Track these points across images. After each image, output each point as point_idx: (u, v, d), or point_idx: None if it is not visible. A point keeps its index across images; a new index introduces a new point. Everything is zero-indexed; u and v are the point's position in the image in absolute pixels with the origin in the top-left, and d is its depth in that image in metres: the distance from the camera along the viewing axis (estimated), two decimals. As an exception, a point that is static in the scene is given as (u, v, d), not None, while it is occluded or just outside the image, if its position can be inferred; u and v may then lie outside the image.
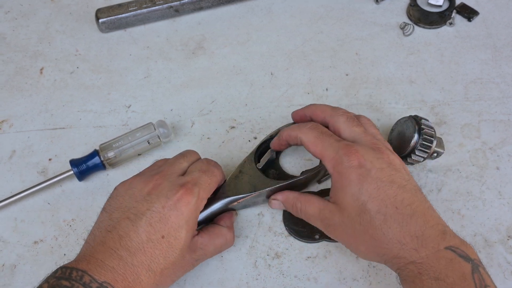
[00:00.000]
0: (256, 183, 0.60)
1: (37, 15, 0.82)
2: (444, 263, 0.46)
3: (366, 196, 0.50)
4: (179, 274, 0.52)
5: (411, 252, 0.48)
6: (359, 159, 0.51)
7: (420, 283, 0.46)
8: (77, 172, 0.63)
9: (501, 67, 0.74)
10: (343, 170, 0.51)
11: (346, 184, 0.51)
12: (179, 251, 0.50)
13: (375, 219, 0.49)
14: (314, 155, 0.54)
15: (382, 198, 0.49)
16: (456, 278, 0.45)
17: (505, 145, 0.66)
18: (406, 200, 0.49)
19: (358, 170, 0.50)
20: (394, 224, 0.48)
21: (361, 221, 0.50)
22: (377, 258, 0.51)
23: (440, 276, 0.45)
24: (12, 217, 0.63)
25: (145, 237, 0.48)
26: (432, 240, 0.47)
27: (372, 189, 0.50)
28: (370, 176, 0.50)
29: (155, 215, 0.49)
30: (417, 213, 0.49)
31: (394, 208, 0.49)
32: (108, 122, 0.70)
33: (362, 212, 0.50)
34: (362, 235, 0.50)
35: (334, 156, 0.52)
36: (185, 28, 0.80)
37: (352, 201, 0.50)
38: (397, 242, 0.48)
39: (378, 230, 0.49)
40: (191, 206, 0.51)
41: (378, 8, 0.81)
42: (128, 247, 0.47)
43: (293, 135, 0.57)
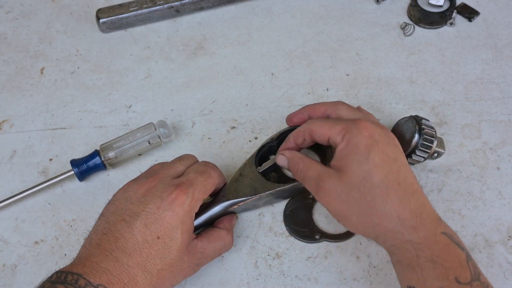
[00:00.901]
0: (256, 186, 0.60)
1: (37, 15, 0.82)
2: (441, 246, 0.46)
3: (372, 164, 0.49)
4: (178, 278, 0.52)
5: (409, 230, 0.47)
6: (368, 130, 0.51)
7: (418, 266, 0.46)
8: (77, 172, 0.63)
9: (501, 67, 0.74)
10: (352, 137, 0.51)
11: (353, 151, 0.50)
12: (175, 252, 0.50)
13: (376, 188, 0.49)
14: (322, 137, 0.54)
15: (387, 171, 0.49)
16: (453, 263, 0.46)
17: (505, 145, 0.66)
18: (408, 179, 0.50)
19: (367, 139, 0.50)
20: (394, 197, 0.48)
21: (361, 187, 0.49)
22: (367, 230, 0.51)
23: (437, 260, 0.45)
24: (13, 217, 0.63)
25: (141, 238, 0.48)
26: (430, 222, 0.48)
27: (378, 159, 0.50)
28: (378, 147, 0.50)
29: (150, 216, 0.49)
30: (417, 194, 0.49)
31: (397, 183, 0.49)
32: (108, 122, 0.70)
33: (365, 179, 0.49)
34: (357, 203, 0.50)
35: (344, 127, 0.52)
36: (186, 28, 0.80)
37: (356, 167, 0.50)
38: (396, 215, 0.48)
39: (378, 199, 0.49)
40: (186, 206, 0.51)
41: (379, 8, 0.81)
42: (124, 249, 0.48)
43: (301, 130, 0.57)
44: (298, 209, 0.62)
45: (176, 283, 0.52)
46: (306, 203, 0.62)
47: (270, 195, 0.60)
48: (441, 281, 0.45)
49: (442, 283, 0.45)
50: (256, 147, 0.67)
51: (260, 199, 0.60)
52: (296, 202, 0.62)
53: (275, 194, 0.60)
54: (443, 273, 0.45)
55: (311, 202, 0.62)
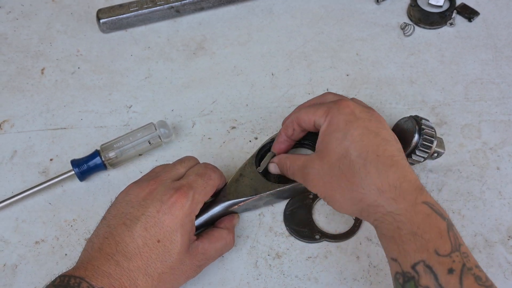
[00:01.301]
0: (257, 186, 0.60)
1: (38, 16, 0.82)
2: (422, 217, 0.46)
3: (350, 140, 0.50)
4: (180, 280, 0.52)
5: (389, 201, 0.48)
6: (349, 108, 0.53)
7: (399, 238, 0.46)
8: (78, 172, 0.63)
9: (501, 67, 0.74)
10: (333, 117, 0.52)
11: (333, 130, 0.52)
12: (176, 255, 0.50)
13: (354, 163, 0.50)
14: (308, 122, 0.55)
15: (365, 144, 0.50)
16: (433, 234, 0.45)
17: (505, 145, 0.66)
18: (388, 152, 0.50)
19: (347, 116, 0.52)
20: (373, 170, 0.49)
21: (340, 165, 0.50)
22: (353, 207, 0.51)
23: (417, 231, 0.46)
24: (13, 217, 0.63)
25: (141, 242, 0.48)
26: (410, 193, 0.48)
27: (356, 134, 0.50)
28: (357, 123, 0.51)
29: (150, 220, 0.49)
30: (397, 165, 0.49)
31: (375, 155, 0.49)
32: (109, 122, 0.70)
33: (343, 156, 0.50)
34: (338, 180, 0.50)
35: (326, 109, 0.53)
36: (186, 28, 0.80)
37: (335, 145, 0.51)
38: (375, 188, 0.48)
39: (357, 174, 0.49)
40: (186, 209, 0.51)
41: (379, 8, 0.81)
42: (125, 252, 0.48)
43: (288, 121, 0.58)
44: (298, 209, 0.62)
45: (177, 286, 0.52)
46: (306, 203, 0.62)
47: (271, 195, 0.60)
48: (421, 253, 0.45)
49: (422, 256, 0.45)
50: (256, 147, 0.67)
51: (261, 199, 0.60)
52: (296, 202, 0.63)
53: (276, 194, 0.61)
54: (423, 245, 0.45)
55: (311, 202, 0.62)
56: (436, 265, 0.44)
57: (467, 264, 0.44)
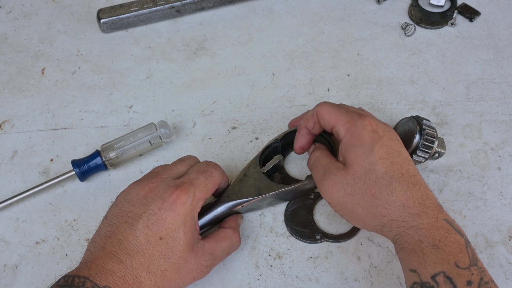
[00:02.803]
0: (260, 187, 0.60)
1: (38, 16, 0.82)
2: (442, 232, 0.48)
3: (377, 157, 0.52)
4: (185, 280, 0.51)
5: (413, 217, 0.49)
6: (372, 125, 0.54)
7: (420, 250, 0.48)
8: (78, 173, 0.63)
9: (502, 67, 0.74)
10: (357, 130, 0.53)
11: (358, 144, 0.53)
12: (179, 252, 0.50)
13: (381, 179, 0.51)
14: (329, 123, 0.56)
15: (391, 162, 0.52)
16: (453, 248, 0.47)
17: (506, 146, 0.66)
18: (411, 171, 0.52)
19: (371, 133, 0.53)
20: (398, 188, 0.50)
21: (366, 179, 0.51)
22: (373, 222, 0.52)
23: (439, 245, 0.47)
24: (14, 218, 0.63)
25: (144, 240, 0.48)
26: (432, 209, 0.50)
27: (382, 152, 0.52)
28: (382, 141, 0.53)
29: (152, 217, 0.49)
30: (419, 184, 0.51)
31: (400, 174, 0.51)
32: (109, 122, 0.70)
33: (369, 171, 0.51)
34: (363, 194, 0.51)
35: (349, 120, 0.55)
36: (187, 28, 0.80)
37: (361, 159, 0.52)
38: (400, 204, 0.50)
39: (383, 190, 0.51)
40: (187, 206, 0.51)
41: (380, 8, 0.81)
42: (127, 250, 0.48)
43: (310, 114, 0.59)
44: (299, 210, 0.62)
45: (183, 286, 0.52)
46: (307, 204, 0.62)
47: (274, 195, 0.60)
48: (441, 265, 0.46)
49: (442, 267, 0.46)
50: (257, 147, 0.67)
51: (264, 199, 0.60)
52: (297, 203, 0.62)
53: (279, 195, 0.61)
54: (443, 257, 0.46)
55: (312, 203, 0.62)
56: (455, 276, 0.45)
57: (484, 278, 0.46)
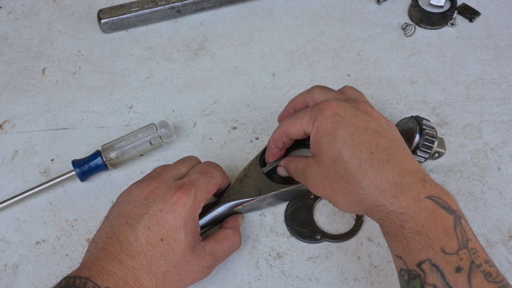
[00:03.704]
0: (261, 187, 0.60)
1: (39, 16, 0.82)
2: (426, 214, 0.45)
3: (340, 142, 0.49)
4: (186, 281, 0.51)
5: (390, 200, 0.46)
6: (332, 109, 0.51)
7: (403, 237, 0.45)
8: (79, 173, 0.63)
9: (502, 67, 0.74)
10: (319, 123, 0.51)
11: (322, 135, 0.51)
12: (180, 253, 0.50)
13: (349, 164, 0.48)
14: (298, 133, 0.55)
15: (357, 143, 0.49)
16: (438, 232, 0.44)
17: (506, 146, 0.66)
18: (381, 145, 0.48)
19: (332, 118, 0.51)
20: (369, 169, 0.47)
21: (336, 168, 0.49)
22: (357, 208, 0.50)
23: (422, 230, 0.44)
24: (15, 218, 0.63)
25: (145, 241, 0.48)
26: (411, 188, 0.46)
27: (346, 135, 0.49)
28: (344, 123, 0.50)
29: (153, 218, 0.49)
30: (393, 159, 0.48)
31: (369, 152, 0.48)
32: (110, 122, 0.70)
33: (337, 159, 0.49)
34: (338, 183, 0.50)
35: (310, 116, 0.53)
36: (187, 28, 0.80)
37: (327, 149, 0.50)
38: (374, 187, 0.47)
39: (354, 175, 0.48)
40: (188, 207, 0.51)
41: (380, 8, 0.81)
42: (128, 252, 0.48)
43: (276, 135, 0.57)
44: (299, 210, 0.62)
45: (184, 287, 0.52)
46: (307, 204, 0.62)
47: (275, 196, 0.60)
48: (426, 252, 0.44)
49: (428, 254, 0.44)
50: (258, 147, 0.67)
51: (265, 199, 0.60)
52: (297, 203, 0.63)
53: (280, 195, 0.61)
54: (428, 244, 0.44)
55: (312, 203, 0.62)
56: (442, 263, 0.43)
57: (476, 261, 0.43)
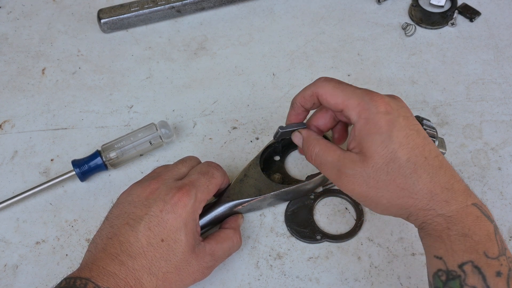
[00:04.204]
0: (261, 187, 0.60)
1: (39, 16, 0.82)
2: (472, 219, 0.46)
3: (397, 143, 0.47)
4: (186, 281, 0.51)
5: (441, 204, 0.47)
6: (386, 106, 0.49)
7: (447, 238, 0.46)
8: (79, 173, 0.63)
9: (503, 67, 0.74)
10: (371, 116, 0.48)
11: (375, 131, 0.48)
12: (181, 254, 0.50)
13: (405, 168, 0.47)
14: (336, 107, 0.51)
15: (412, 146, 0.48)
16: (482, 236, 0.45)
17: (506, 146, 0.66)
18: (433, 152, 0.48)
19: (387, 116, 0.48)
20: (424, 174, 0.47)
21: (389, 170, 0.48)
22: (400, 211, 0.49)
23: (468, 233, 0.45)
24: (14, 218, 0.63)
25: (145, 242, 0.48)
26: (460, 194, 0.47)
27: (402, 136, 0.48)
28: (399, 123, 0.48)
29: (154, 219, 0.49)
30: (444, 166, 0.48)
31: (424, 158, 0.48)
32: (110, 122, 0.70)
33: (391, 161, 0.47)
34: (387, 185, 0.48)
35: (360, 102, 0.49)
36: (187, 28, 0.80)
37: (381, 149, 0.48)
38: (427, 192, 0.47)
39: (408, 179, 0.47)
40: (189, 208, 0.51)
41: (380, 8, 0.81)
42: (129, 252, 0.48)
43: (308, 93, 0.54)
44: (299, 210, 0.62)
45: (184, 287, 0.52)
46: (307, 204, 0.62)
47: (275, 196, 0.60)
48: (470, 254, 0.44)
49: (471, 256, 0.44)
50: (258, 147, 0.67)
51: (265, 199, 0.60)
52: (297, 203, 0.62)
53: (280, 195, 0.61)
54: (472, 246, 0.44)
55: (312, 203, 0.62)
56: (484, 266, 0.44)
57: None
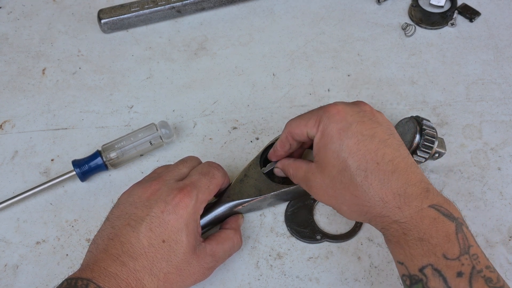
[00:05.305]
0: (261, 187, 0.60)
1: (39, 16, 0.82)
2: (428, 222, 0.46)
3: (347, 152, 0.49)
4: (187, 282, 0.51)
5: (394, 211, 0.47)
6: (339, 114, 0.50)
7: (405, 243, 0.46)
8: (79, 173, 0.63)
9: (503, 67, 0.74)
10: (325, 127, 0.50)
11: (328, 141, 0.50)
12: (182, 255, 0.50)
13: (356, 176, 0.48)
14: (302, 135, 0.54)
15: (363, 153, 0.48)
16: (440, 238, 0.45)
17: (506, 146, 0.66)
18: (387, 156, 0.48)
19: (339, 124, 0.50)
20: (375, 181, 0.48)
21: (342, 179, 0.49)
22: (361, 217, 0.50)
23: (424, 237, 0.45)
24: (15, 218, 0.63)
25: (146, 242, 0.48)
26: (415, 198, 0.47)
27: (352, 144, 0.49)
28: (351, 130, 0.49)
29: (155, 220, 0.49)
30: (398, 170, 0.48)
31: (375, 163, 0.48)
32: (110, 122, 0.70)
33: (343, 170, 0.49)
34: (343, 194, 0.50)
35: (316, 119, 0.52)
36: (187, 28, 0.80)
37: (333, 158, 0.49)
38: (379, 199, 0.48)
39: (359, 187, 0.48)
40: (190, 209, 0.51)
41: (380, 8, 0.81)
42: (130, 253, 0.48)
43: (283, 136, 0.57)
44: (299, 210, 0.62)
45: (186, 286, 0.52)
46: (307, 204, 0.62)
47: (275, 196, 0.60)
48: (428, 257, 0.45)
49: (429, 260, 0.44)
50: (258, 147, 0.67)
51: (265, 200, 0.60)
52: (297, 203, 0.63)
53: (280, 195, 0.61)
54: (430, 249, 0.45)
55: (312, 203, 0.62)
56: (444, 268, 0.44)
57: (476, 267, 0.44)
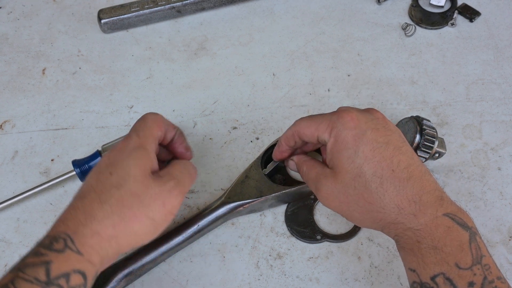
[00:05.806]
0: (262, 188, 0.60)
1: (39, 16, 0.82)
2: (442, 231, 0.46)
3: (362, 158, 0.48)
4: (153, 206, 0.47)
5: (409, 218, 0.47)
6: (353, 121, 0.50)
7: (418, 251, 0.46)
8: (79, 173, 0.63)
9: (503, 67, 0.74)
10: (338, 133, 0.50)
11: (342, 148, 0.50)
12: (133, 179, 0.47)
13: (370, 183, 0.48)
14: (311, 137, 0.53)
15: (378, 160, 0.48)
16: (453, 247, 0.45)
17: (506, 146, 0.66)
18: (402, 163, 0.48)
19: (353, 131, 0.49)
20: (390, 188, 0.47)
21: (356, 185, 0.49)
22: (373, 225, 0.50)
23: (438, 245, 0.45)
24: (15, 218, 0.63)
25: (94, 181, 0.47)
26: (430, 206, 0.47)
27: (367, 150, 0.48)
28: (366, 137, 0.49)
29: (103, 163, 0.48)
30: (413, 177, 0.48)
31: (391, 171, 0.48)
32: (110, 122, 0.70)
33: (357, 176, 0.48)
34: (356, 201, 0.49)
35: (329, 123, 0.51)
36: (187, 28, 0.80)
37: (347, 164, 0.49)
38: (394, 206, 0.47)
39: (374, 194, 0.48)
40: (133, 142, 0.49)
41: (380, 8, 0.81)
42: (80, 196, 0.47)
43: (289, 133, 0.56)
44: (300, 210, 0.62)
45: (155, 213, 0.47)
46: (307, 204, 0.62)
47: (276, 197, 0.60)
48: (441, 266, 0.44)
49: (442, 268, 0.44)
50: (258, 147, 0.67)
51: (266, 201, 0.60)
52: (297, 203, 0.63)
53: (281, 196, 0.61)
54: (443, 258, 0.45)
55: (312, 203, 0.62)
56: (456, 278, 0.44)
57: (488, 277, 0.44)
